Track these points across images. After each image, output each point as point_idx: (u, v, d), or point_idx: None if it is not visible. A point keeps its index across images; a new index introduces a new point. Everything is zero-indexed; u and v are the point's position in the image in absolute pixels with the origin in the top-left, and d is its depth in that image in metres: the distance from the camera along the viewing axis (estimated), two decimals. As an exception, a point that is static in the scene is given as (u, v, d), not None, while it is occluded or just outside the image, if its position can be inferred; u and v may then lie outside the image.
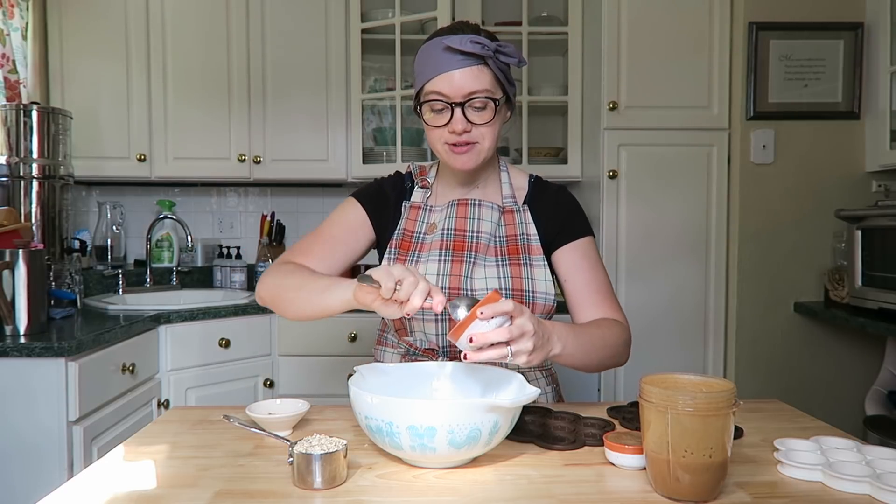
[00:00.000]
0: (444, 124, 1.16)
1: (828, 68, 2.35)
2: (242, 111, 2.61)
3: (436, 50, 1.15)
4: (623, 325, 1.20)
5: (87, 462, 1.67)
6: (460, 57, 1.13)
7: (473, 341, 0.90)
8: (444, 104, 1.15)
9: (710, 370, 2.40)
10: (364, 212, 1.29)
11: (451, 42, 1.13)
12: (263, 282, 1.21)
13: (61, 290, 2.19)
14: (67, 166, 2.30)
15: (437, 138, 1.19)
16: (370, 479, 0.86)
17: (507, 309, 0.91)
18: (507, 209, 1.27)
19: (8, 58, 2.31)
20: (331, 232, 1.29)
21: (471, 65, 1.13)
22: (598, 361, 1.12)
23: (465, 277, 1.20)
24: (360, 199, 1.31)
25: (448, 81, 1.14)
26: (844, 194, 2.35)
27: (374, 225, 1.30)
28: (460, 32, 1.15)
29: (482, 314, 0.90)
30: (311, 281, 1.13)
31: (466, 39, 1.12)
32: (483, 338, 0.90)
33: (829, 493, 0.81)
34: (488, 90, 1.14)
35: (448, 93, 1.14)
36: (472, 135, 1.17)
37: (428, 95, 1.16)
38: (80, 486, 0.84)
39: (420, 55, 1.19)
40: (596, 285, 1.23)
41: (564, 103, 2.62)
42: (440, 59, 1.14)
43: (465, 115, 1.15)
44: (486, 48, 1.12)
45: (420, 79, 1.19)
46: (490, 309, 0.90)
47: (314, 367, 2.39)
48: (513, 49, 1.16)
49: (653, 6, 2.37)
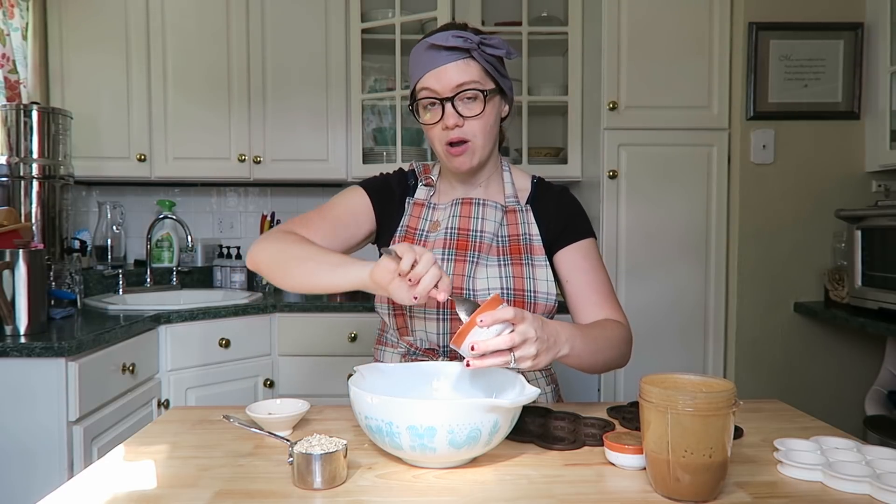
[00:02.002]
0: (437, 121, 1.18)
1: (828, 68, 2.35)
2: (242, 111, 2.61)
3: (422, 50, 1.18)
4: (625, 326, 1.20)
5: (87, 462, 1.67)
6: (445, 52, 1.15)
7: (475, 349, 0.89)
8: (435, 100, 1.16)
9: (710, 370, 2.40)
10: (369, 200, 1.29)
11: (434, 40, 1.15)
12: (261, 246, 1.17)
13: (61, 290, 2.19)
14: (67, 166, 2.30)
15: (435, 138, 1.20)
16: (370, 479, 0.86)
17: (507, 316, 0.90)
18: (510, 209, 1.27)
19: (8, 58, 2.31)
20: (334, 212, 1.27)
21: (456, 59, 1.15)
22: (603, 362, 1.12)
23: (468, 277, 1.20)
24: (366, 189, 1.30)
25: (436, 77, 1.16)
26: (844, 194, 2.35)
27: (377, 215, 1.29)
28: (444, 30, 1.17)
29: (481, 322, 0.90)
30: (320, 254, 1.10)
31: (449, 35, 1.14)
32: (484, 346, 0.89)
33: (829, 493, 0.81)
34: (476, 81, 1.16)
35: (437, 88, 1.16)
36: (465, 131, 1.17)
37: (419, 94, 1.19)
38: (80, 486, 0.84)
39: (410, 59, 1.22)
40: (597, 286, 1.23)
41: (564, 103, 2.62)
42: (427, 57, 1.17)
43: (456, 108, 1.16)
44: (469, 41, 1.14)
45: (412, 81, 1.21)
46: (489, 317, 0.90)
47: (314, 367, 2.39)
48: (499, 41, 1.17)
49: (653, 6, 2.37)
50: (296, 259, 1.11)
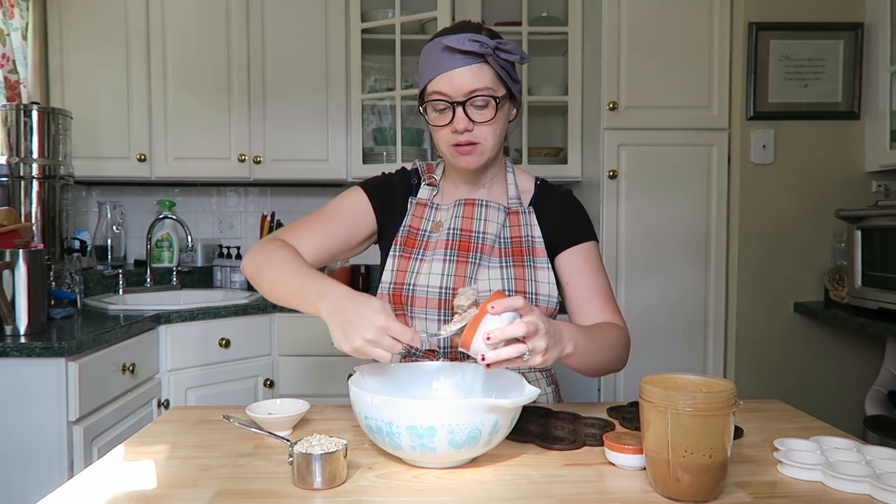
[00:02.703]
0: (446, 124, 1.16)
1: (828, 68, 2.35)
2: (242, 111, 2.61)
3: (436, 50, 1.16)
4: (623, 330, 1.20)
5: (87, 462, 1.67)
6: (460, 56, 1.13)
7: (490, 339, 0.87)
8: (446, 104, 1.15)
9: (710, 370, 2.40)
10: (368, 201, 1.28)
11: (449, 42, 1.13)
12: (249, 258, 1.20)
13: (61, 290, 2.19)
14: (67, 166, 2.30)
15: (442, 139, 1.19)
16: (370, 479, 0.86)
17: (517, 304, 0.89)
18: (513, 210, 1.27)
19: (8, 58, 2.31)
20: (331, 217, 1.27)
21: (470, 63, 1.13)
22: (602, 364, 1.12)
23: (470, 278, 1.20)
24: (365, 190, 1.30)
25: (448, 81, 1.14)
26: (844, 194, 2.35)
27: (377, 216, 1.28)
28: (460, 32, 1.15)
29: (493, 308, 0.88)
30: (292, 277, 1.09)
31: (465, 38, 1.12)
32: (500, 333, 0.87)
33: (829, 493, 0.81)
34: (489, 88, 1.14)
35: (449, 92, 1.14)
36: (475, 134, 1.16)
37: (430, 96, 1.17)
38: (80, 486, 0.84)
39: (422, 57, 1.20)
40: (597, 289, 1.23)
41: (564, 103, 2.62)
42: (440, 58, 1.15)
43: (467, 113, 1.15)
44: (485, 46, 1.12)
45: (423, 80, 1.19)
46: (501, 304, 0.88)
47: (314, 367, 2.39)
48: (514, 46, 1.15)
49: (653, 6, 2.37)
50: (268, 280, 1.14)
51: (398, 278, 1.22)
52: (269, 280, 1.13)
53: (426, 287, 1.20)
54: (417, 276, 1.21)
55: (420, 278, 1.21)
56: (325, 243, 1.24)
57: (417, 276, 1.21)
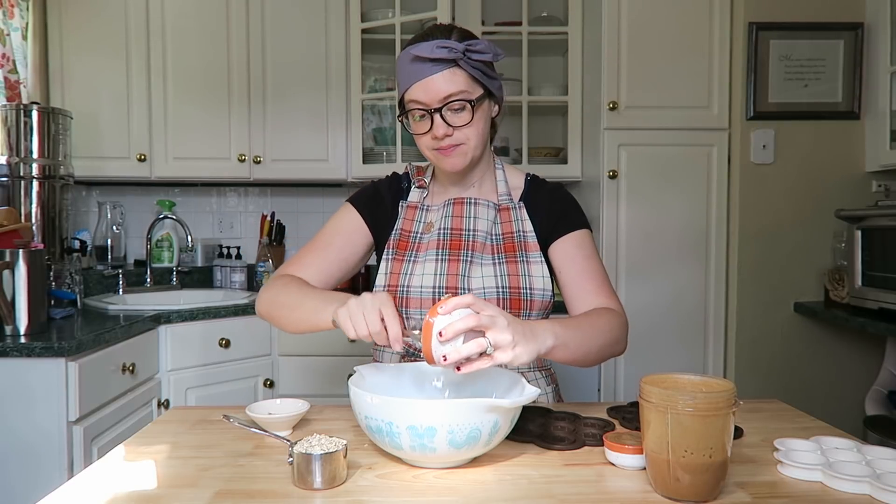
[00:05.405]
0: (427, 131, 1.18)
1: (828, 68, 2.35)
2: (242, 111, 2.61)
3: (407, 60, 1.16)
4: (617, 312, 1.17)
5: (87, 462, 1.67)
6: (430, 63, 1.13)
7: (443, 335, 0.86)
8: (424, 111, 1.16)
9: (710, 370, 2.40)
10: (360, 217, 1.31)
11: (418, 51, 1.13)
12: (261, 297, 1.24)
13: (61, 290, 2.19)
14: (67, 166, 2.30)
15: (425, 145, 1.21)
16: (370, 479, 0.86)
17: (467, 301, 0.89)
18: (503, 207, 1.27)
19: (8, 58, 2.31)
20: (326, 241, 1.30)
21: (442, 69, 1.14)
22: (596, 351, 1.09)
23: (463, 276, 1.20)
24: (355, 204, 1.32)
25: (423, 89, 1.15)
26: (844, 194, 2.35)
27: (370, 228, 1.31)
28: (430, 38, 1.15)
29: (442, 310, 0.88)
30: (304, 299, 1.15)
31: (433, 45, 1.13)
32: (452, 329, 0.86)
33: (828, 493, 0.81)
34: (464, 91, 1.15)
35: (424, 100, 1.15)
36: (456, 136, 1.17)
37: (408, 105, 1.18)
38: (80, 486, 0.84)
39: (397, 66, 1.21)
40: (591, 274, 1.21)
41: (564, 103, 2.62)
42: (412, 68, 1.15)
43: (445, 118, 1.15)
44: (454, 51, 1.12)
45: (400, 89, 1.21)
46: (450, 303, 0.88)
47: (314, 367, 2.39)
48: (486, 45, 1.16)
49: (653, 6, 2.37)
50: (286, 308, 1.18)
51: (392, 281, 1.24)
52: (286, 308, 1.17)
53: (419, 288, 1.21)
54: (411, 278, 1.22)
55: (413, 279, 1.22)
56: (327, 268, 1.28)
57: (411, 278, 1.22)
